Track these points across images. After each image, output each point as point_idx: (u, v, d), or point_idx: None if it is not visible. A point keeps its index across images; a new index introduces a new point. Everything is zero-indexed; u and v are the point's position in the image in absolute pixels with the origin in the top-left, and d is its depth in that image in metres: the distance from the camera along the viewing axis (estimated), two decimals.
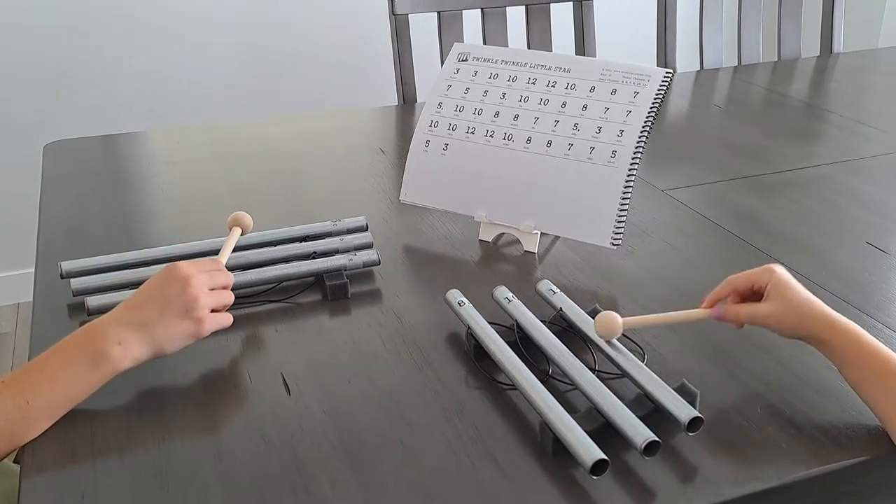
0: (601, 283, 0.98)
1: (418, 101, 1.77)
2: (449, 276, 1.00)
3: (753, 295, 0.79)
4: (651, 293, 0.96)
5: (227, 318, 0.81)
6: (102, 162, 1.39)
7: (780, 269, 0.77)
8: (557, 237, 1.08)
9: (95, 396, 0.74)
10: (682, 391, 0.74)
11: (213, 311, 0.79)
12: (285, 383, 0.78)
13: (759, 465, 0.68)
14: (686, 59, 1.99)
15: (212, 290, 0.79)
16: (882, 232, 1.12)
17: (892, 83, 1.89)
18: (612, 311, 0.80)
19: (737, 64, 1.94)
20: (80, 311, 0.90)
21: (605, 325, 0.79)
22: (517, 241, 1.07)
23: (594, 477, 0.65)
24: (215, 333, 0.84)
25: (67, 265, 0.94)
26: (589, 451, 0.65)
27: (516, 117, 1.06)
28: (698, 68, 1.93)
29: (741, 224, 1.12)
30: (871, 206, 1.19)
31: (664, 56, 1.88)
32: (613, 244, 0.99)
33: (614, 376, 0.79)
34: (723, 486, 0.66)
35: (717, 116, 1.64)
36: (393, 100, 1.77)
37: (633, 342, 0.84)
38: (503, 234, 1.08)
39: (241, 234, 0.96)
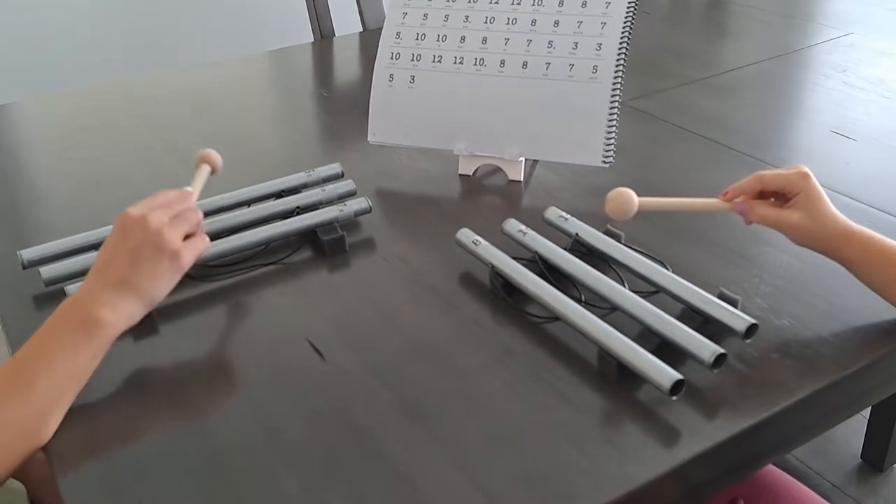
0: (597, 202, 0.95)
1: (336, 35, 1.68)
2: (440, 215, 0.96)
3: (776, 195, 0.76)
4: None
5: (202, 242, 0.74)
6: (8, 134, 1.25)
7: (812, 178, 0.73)
8: (536, 161, 1.06)
9: (113, 388, 0.67)
10: (724, 299, 0.74)
11: (186, 238, 0.72)
12: (316, 350, 0.73)
13: (816, 360, 0.69)
14: None
15: (174, 218, 0.71)
16: (842, 119, 1.15)
17: None
18: (626, 188, 0.75)
19: None
20: (51, 301, 0.81)
21: (619, 203, 0.74)
22: (497, 171, 1.04)
23: (673, 398, 0.64)
24: (222, 302, 0.79)
25: (28, 254, 0.85)
26: (664, 373, 0.64)
27: (485, 40, 1.01)
28: None
29: (710, 127, 1.13)
30: (822, 95, 1.22)
31: None
32: (605, 162, 0.97)
33: (648, 293, 0.77)
34: (790, 387, 0.66)
35: (647, 22, 1.64)
36: (300, 38, 1.67)
37: (652, 257, 0.83)
38: (481, 164, 1.04)
39: (212, 174, 0.84)
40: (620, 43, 0.96)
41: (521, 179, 1.02)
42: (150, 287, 0.69)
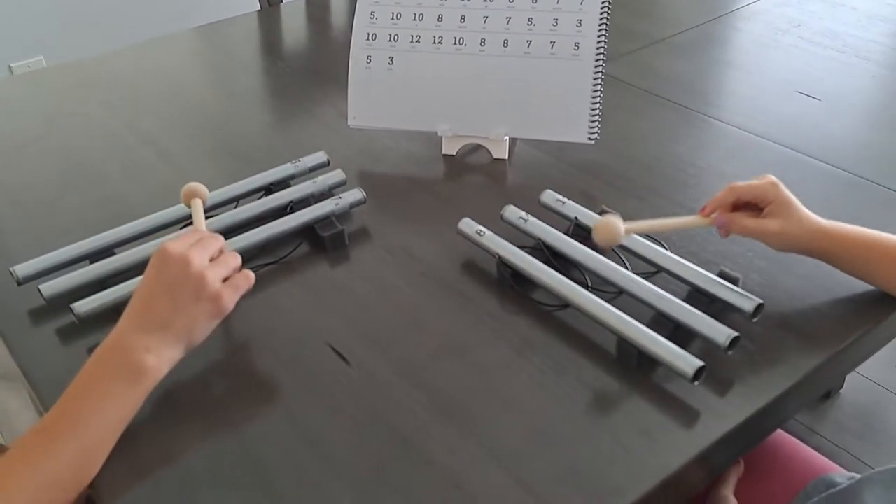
0: (587, 179, 0.98)
1: (284, 1, 1.64)
2: (432, 199, 0.97)
3: (748, 205, 0.77)
4: (639, 182, 0.97)
5: (246, 280, 0.73)
6: None
7: (782, 186, 0.76)
8: (517, 138, 1.07)
9: (146, 410, 0.67)
10: (724, 277, 0.77)
11: (225, 279, 0.71)
12: (340, 355, 0.74)
13: (816, 335, 0.73)
14: None
15: (213, 260, 0.71)
16: (805, 77, 1.18)
17: None
18: (611, 216, 0.76)
19: None
20: (47, 317, 0.80)
21: (606, 233, 0.75)
22: (479, 148, 1.05)
23: (696, 383, 0.67)
24: (237, 309, 0.78)
25: (22, 269, 0.82)
26: (687, 360, 0.67)
27: (463, 18, 1.01)
28: None
29: (681, 92, 1.15)
30: (782, 53, 1.25)
31: None
32: (591, 139, 0.98)
33: (649, 274, 0.80)
34: (797, 364, 0.71)
35: None
36: (244, 6, 1.62)
37: (651, 238, 0.86)
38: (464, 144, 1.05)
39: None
40: (601, 18, 0.97)
41: (506, 157, 1.03)
42: (190, 331, 0.68)
